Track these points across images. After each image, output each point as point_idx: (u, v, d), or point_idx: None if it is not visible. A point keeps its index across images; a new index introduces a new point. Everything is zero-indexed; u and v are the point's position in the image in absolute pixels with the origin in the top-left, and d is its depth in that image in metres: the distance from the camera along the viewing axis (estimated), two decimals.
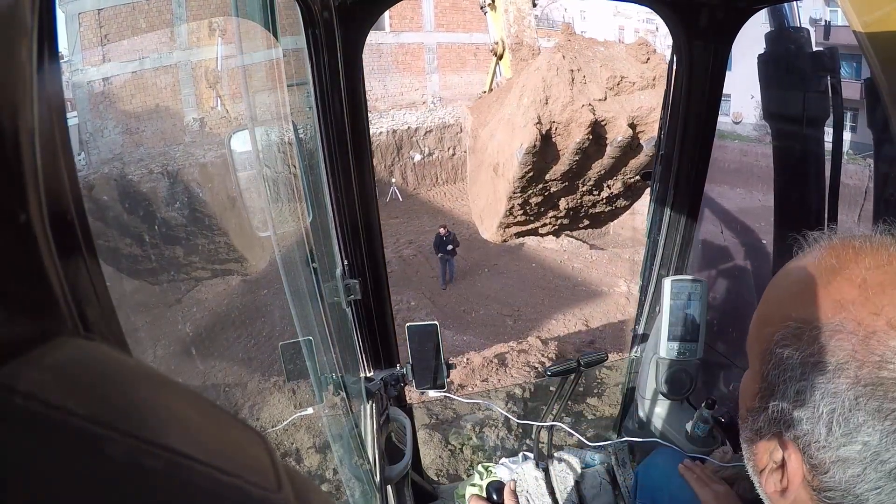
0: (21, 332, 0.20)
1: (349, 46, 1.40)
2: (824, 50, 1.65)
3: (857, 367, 0.43)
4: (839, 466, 0.44)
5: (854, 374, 0.43)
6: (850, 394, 0.43)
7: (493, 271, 12.28)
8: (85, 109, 12.69)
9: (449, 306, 10.79)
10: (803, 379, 0.46)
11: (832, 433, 0.44)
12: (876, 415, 0.42)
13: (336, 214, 1.54)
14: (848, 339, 0.43)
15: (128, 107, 12.45)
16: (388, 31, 17.78)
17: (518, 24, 5.08)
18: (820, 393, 0.44)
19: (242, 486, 0.21)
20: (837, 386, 0.43)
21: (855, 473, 0.43)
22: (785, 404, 0.47)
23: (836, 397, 0.43)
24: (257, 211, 1.26)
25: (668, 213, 1.85)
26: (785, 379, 0.47)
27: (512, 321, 9.90)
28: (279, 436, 4.02)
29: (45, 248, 0.21)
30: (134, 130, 12.41)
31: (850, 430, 0.43)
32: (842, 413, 0.43)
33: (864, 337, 0.43)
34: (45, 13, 0.22)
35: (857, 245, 0.48)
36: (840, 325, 0.44)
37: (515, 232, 4.92)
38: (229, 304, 8.70)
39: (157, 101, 12.68)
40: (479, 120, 5.02)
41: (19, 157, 0.20)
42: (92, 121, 12.66)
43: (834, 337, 0.44)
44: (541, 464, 1.93)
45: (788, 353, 0.47)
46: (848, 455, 0.43)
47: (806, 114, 1.68)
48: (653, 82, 4.20)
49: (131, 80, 12.69)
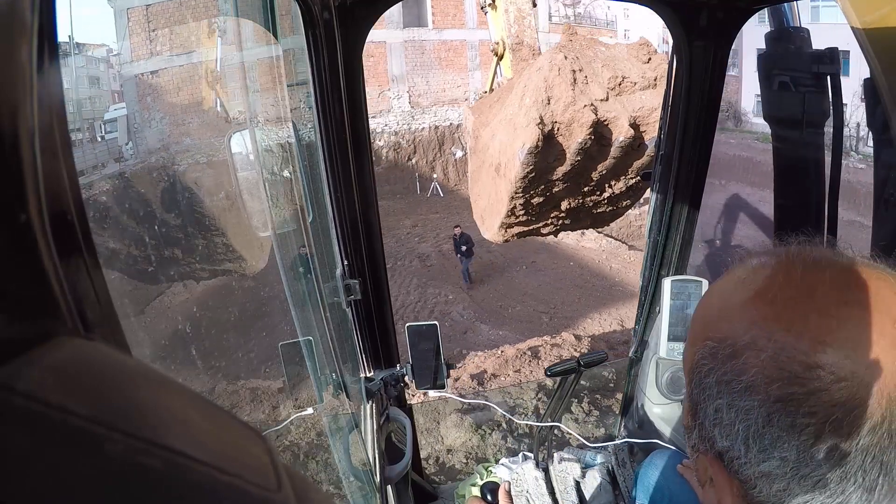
0: (21, 332, 0.20)
1: (349, 46, 1.40)
2: (824, 50, 1.65)
3: (766, 383, 0.43)
4: (764, 482, 0.44)
5: (765, 391, 0.43)
6: (762, 410, 0.43)
7: (531, 268, 12.31)
8: (133, 101, 12.96)
9: (486, 301, 10.85)
10: (719, 397, 0.46)
11: (750, 449, 0.44)
12: (790, 430, 0.42)
13: (336, 214, 1.54)
14: (758, 356, 0.43)
15: (174, 99, 12.62)
16: (431, 28, 17.74)
17: (518, 24, 5.07)
18: (735, 411, 0.44)
19: (242, 486, 0.21)
20: (749, 403, 0.43)
21: (780, 488, 0.44)
22: (706, 423, 0.48)
23: (748, 414, 0.44)
24: (257, 211, 1.26)
25: (668, 213, 1.85)
26: (704, 398, 0.47)
27: (548, 318, 9.94)
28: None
29: (45, 248, 0.21)
30: (181, 122, 12.58)
31: (766, 446, 0.43)
32: (756, 430, 0.43)
33: (774, 353, 0.43)
34: (45, 13, 0.22)
35: (773, 262, 0.48)
36: (751, 342, 0.44)
37: (517, 232, 4.90)
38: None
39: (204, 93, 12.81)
40: (481, 120, 5.01)
41: (19, 157, 0.20)
42: (140, 112, 12.93)
43: (744, 354, 0.44)
44: (541, 464, 1.93)
45: (706, 371, 0.47)
46: (769, 470, 0.43)
47: (806, 114, 1.68)
48: (654, 82, 4.19)
49: (178, 73, 12.86)
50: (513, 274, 12.08)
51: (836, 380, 0.40)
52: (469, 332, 9.53)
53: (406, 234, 14.34)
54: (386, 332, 1.80)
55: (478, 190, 5.27)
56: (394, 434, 1.81)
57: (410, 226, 14.92)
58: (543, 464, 1.93)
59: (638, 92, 4.22)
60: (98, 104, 14.00)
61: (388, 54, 17.10)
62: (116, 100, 13.94)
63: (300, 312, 1.19)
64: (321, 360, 1.31)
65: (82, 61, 13.88)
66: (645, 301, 2.02)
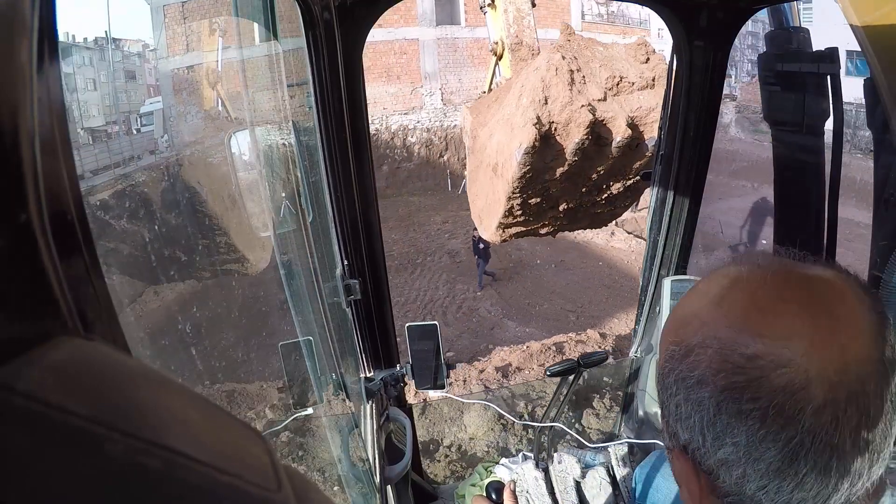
0: (21, 332, 0.20)
1: (349, 46, 1.40)
2: (824, 50, 1.65)
3: (713, 375, 0.46)
4: (724, 470, 0.47)
5: (713, 382, 0.46)
6: (712, 401, 0.46)
7: (559, 267, 12.25)
8: (168, 95, 13.03)
9: (514, 299, 10.82)
10: (678, 394, 0.50)
11: (706, 439, 0.48)
12: (738, 416, 0.45)
13: (336, 214, 1.54)
14: (706, 352, 0.47)
15: (211, 93, 12.72)
16: (464, 26, 17.61)
17: (517, 24, 5.06)
18: (690, 404, 0.48)
19: (242, 486, 0.21)
20: (700, 395, 0.47)
21: (738, 475, 0.47)
22: (671, 420, 0.52)
23: (701, 405, 0.47)
24: (257, 211, 1.26)
25: (668, 213, 1.85)
26: (667, 397, 0.51)
27: (575, 317, 9.91)
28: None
29: (45, 248, 0.21)
30: (216, 116, 12.68)
31: (719, 433, 0.46)
32: (708, 419, 0.47)
33: (719, 348, 0.46)
34: (45, 13, 0.22)
35: (727, 273, 0.52)
36: (700, 341, 0.48)
37: (514, 232, 4.89)
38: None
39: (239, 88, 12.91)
40: (479, 120, 5.00)
41: (19, 157, 0.20)
42: (175, 106, 13.01)
43: (694, 352, 0.48)
44: (541, 464, 1.93)
45: (667, 372, 0.52)
46: (726, 457, 0.47)
47: (806, 114, 1.68)
48: (652, 82, 4.18)
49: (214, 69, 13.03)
50: (541, 272, 12.04)
51: (775, 367, 0.44)
52: (496, 328, 9.56)
53: (436, 230, 14.31)
54: (386, 332, 1.80)
55: (475, 190, 5.26)
56: (394, 434, 1.81)
57: (441, 222, 14.85)
58: (543, 464, 1.93)
59: (636, 92, 4.22)
60: (134, 98, 14.15)
61: (421, 51, 16.99)
62: (152, 94, 14.10)
63: (300, 312, 1.19)
64: (321, 360, 1.31)
65: (119, 56, 14.04)
66: (645, 301, 2.02)
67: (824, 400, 0.43)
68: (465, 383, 5.52)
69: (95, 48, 13.94)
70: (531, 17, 5.16)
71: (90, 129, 13.35)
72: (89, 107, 13.45)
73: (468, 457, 4.10)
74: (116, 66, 13.93)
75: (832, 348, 0.44)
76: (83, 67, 13.66)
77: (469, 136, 5.28)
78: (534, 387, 4.83)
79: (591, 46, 4.49)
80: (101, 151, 11.83)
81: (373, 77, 16.40)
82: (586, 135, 3.97)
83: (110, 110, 13.63)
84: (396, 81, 16.76)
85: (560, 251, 12.53)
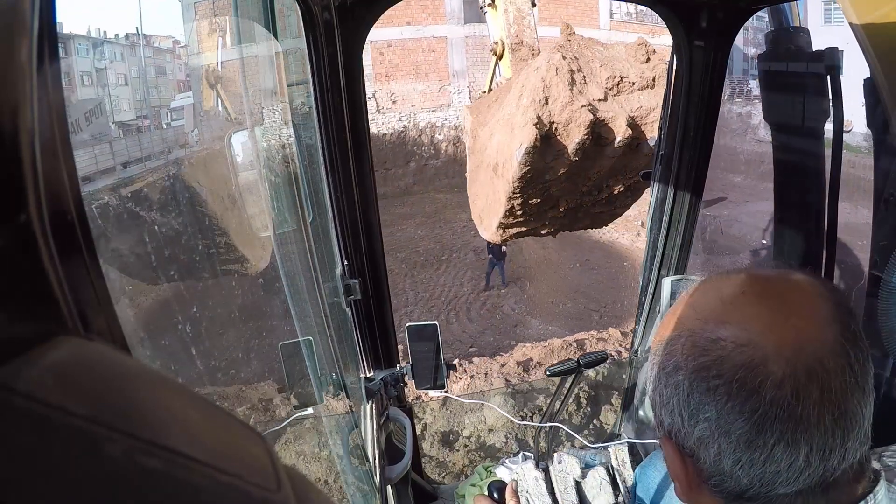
0: (21, 332, 0.20)
1: (349, 46, 1.40)
2: (824, 50, 1.65)
3: (685, 359, 0.52)
4: (702, 449, 0.52)
5: (685, 366, 0.52)
6: (685, 383, 0.52)
7: (584, 266, 12.24)
8: (198, 91, 13.13)
9: (538, 297, 10.82)
10: (660, 383, 0.55)
11: (684, 419, 0.53)
12: (708, 393, 0.50)
13: (336, 214, 1.54)
14: (680, 342, 0.54)
15: (241, 89, 12.78)
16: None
17: (518, 24, 5.06)
18: (669, 389, 0.54)
19: (242, 486, 0.21)
20: (676, 379, 0.53)
21: (714, 451, 0.51)
22: (657, 408, 0.57)
23: (677, 388, 0.53)
24: (257, 210, 1.26)
25: (668, 213, 1.85)
26: (653, 388, 0.57)
27: (598, 316, 9.90)
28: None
29: (45, 248, 0.21)
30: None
31: (693, 411, 0.52)
32: (684, 399, 0.52)
33: (690, 336, 0.53)
34: (45, 13, 0.22)
35: (705, 278, 0.59)
36: (677, 334, 0.55)
37: (515, 232, 4.89)
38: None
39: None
40: (479, 120, 5.00)
41: (19, 157, 0.20)
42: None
43: (671, 344, 0.55)
44: (541, 464, 1.93)
45: (651, 366, 0.58)
46: (701, 434, 0.51)
47: (805, 114, 1.68)
48: (652, 82, 4.18)
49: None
50: (565, 271, 12.04)
51: (735, 347, 0.49)
52: (519, 325, 9.58)
53: (462, 227, 14.29)
54: (386, 332, 1.80)
55: (476, 190, 5.26)
56: (394, 434, 1.80)
57: (467, 219, 14.83)
58: (543, 464, 1.93)
59: (636, 92, 4.21)
60: (164, 93, 14.24)
61: (449, 49, 16.92)
62: (182, 89, 14.19)
63: (300, 312, 1.19)
64: (321, 360, 1.31)
65: (149, 52, 14.14)
66: (645, 301, 2.02)
67: (783, 374, 0.47)
68: (486, 376, 5.54)
69: (127, 44, 14.05)
70: (531, 17, 5.16)
71: (121, 123, 13.44)
72: (120, 101, 13.54)
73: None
74: (147, 61, 14.03)
75: (787, 329, 0.49)
76: (115, 63, 13.76)
77: (469, 135, 5.28)
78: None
79: (592, 46, 4.49)
80: (132, 145, 11.95)
81: (401, 74, 16.53)
82: (587, 135, 3.97)
83: (141, 105, 13.71)
84: (425, 79, 16.75)
85: (585, 251, 12.56)
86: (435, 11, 16.38)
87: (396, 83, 16.55)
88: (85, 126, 12.33)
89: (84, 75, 13.41)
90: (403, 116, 16.36)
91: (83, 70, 13.40)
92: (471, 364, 5.78)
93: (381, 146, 15.79)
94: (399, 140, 16.24)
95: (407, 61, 16.50)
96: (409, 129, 16.37)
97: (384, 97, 16.36)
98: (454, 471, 3.99)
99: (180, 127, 13.14)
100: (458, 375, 5.49)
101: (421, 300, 10.71)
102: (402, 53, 16.31)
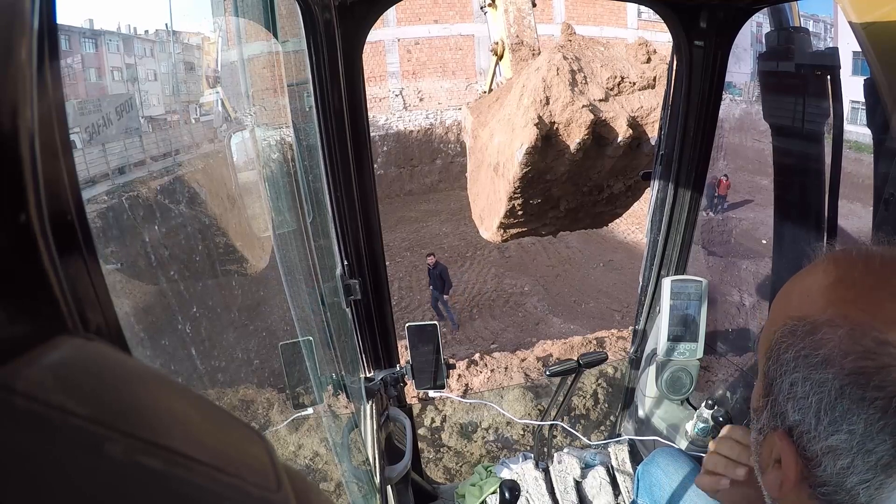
0: (21, 332, 0.20)
1: (349, 46, 1.40)
2: (824, 50, 1.65)
3: (841, 357, 0.44)
4: (830, 458, 0.46)
5: (839, 364, 0.44)
6: (835, 383, 0.44)
7: (608, 266, 12.25)
8: (227, 86, 13.32)
9: (561, 296, 10.84)
10: (795, 371, 0.48)
11: (820, 422, 0.46)
12: (860, 403, 0.43)
13: (336, 214, 1.54)
14: (835, 332, 0.45)
15: (268, 84, 12.89)
16: None
17: (518, 24, 5.06)
18: (810, 384, 0.46)
19: (242, 486, 0.21)
20: (824, 376, 0.45)
21: (844, 465, 0.45)
22: (780, 398, 0.50)
23: (822, 386, 0.45)
24: (257, 211, 1.26)
25: (668, 213, 1.85)
26: (781, 373, 0.50)
27: (620, 316, 9.86)
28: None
29: (45, 248, 0.21)
30: (272, 106, 12.90)
31: (836, 418, 0.45)
32: (828, 402, 0.45)
33: (850, 330, 0.44)
34: (45, 13, 0.22)
35: (855, 254, 0.50)
36: (829, 319, 0.46)
37: (515, 232, 4.89)
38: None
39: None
40: (479, 120, 5.00)
41: (19, 157, 0.20)
42: (234, 97, 13.37)
43: (822, 330, 0.46)
44: (541, 464, 1.93)
45: (784, 348, 0.49)
46: (836, 444, 0.45)
47: (805, 114, 1.68)
48: (653, 82, 4.19)
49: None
50: (589, 271, 12.05)
51: None
52: (541, 323, 9.59)
53: None
54: (386, 332, 1.80)
55: (476, 190, 5.26)
56: (394, 434, 1.80)
57: None
58: (543, 464, 1.93)
59: (637, 92, 4.22)
60: (193, 88, 14.44)
61: (477, 47, 16.84)
62: (212, 84, 14.42)
63: (300, 312, 1.19)
64: (321, 360, 1.31)
65: (179, 48, 14.31)
66: (645, 301, 2.02)
67: None
68: (506, 370, 5.56)
69: (157, 40, 14.11)
70: (531, 17, 5.16)
71: (149, 118, 13.51)
72: (149, 97, 13.60)
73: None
74: (177, 57, 14.16)
75: None
76: (144, 58, 13.81)
77: (470, 135, 5.28)
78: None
79: (593, 46, 4.49)
80: (162, 139, 12.05)
81: (428, 72, 16.56)
82: (587, 135, 3.97)
83: (170, 100, 13.84)
84: (451, 77, 16.75)
85: (608, 250, 12.59)
86: (462, 9, 16.40)
87: (423, 81, 16.60)
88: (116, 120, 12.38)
89: (114, 70, 13.47)
90: (430, 114, 16.40)
91: (113, 65, 13.47)
92: (492, 358, 5.81)
93: (408, 143, 15.93)
94: (426, 137, 16.28)
95: (434, 59, 16.55)
96: (435, 127, 16.43)
97: (411, 95, 16.45)
98: (450, 466, 3.99)
99: (209, 122, 13.26)
100: (478, 369, 5.52)
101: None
102: (430, 51, 16.36)
